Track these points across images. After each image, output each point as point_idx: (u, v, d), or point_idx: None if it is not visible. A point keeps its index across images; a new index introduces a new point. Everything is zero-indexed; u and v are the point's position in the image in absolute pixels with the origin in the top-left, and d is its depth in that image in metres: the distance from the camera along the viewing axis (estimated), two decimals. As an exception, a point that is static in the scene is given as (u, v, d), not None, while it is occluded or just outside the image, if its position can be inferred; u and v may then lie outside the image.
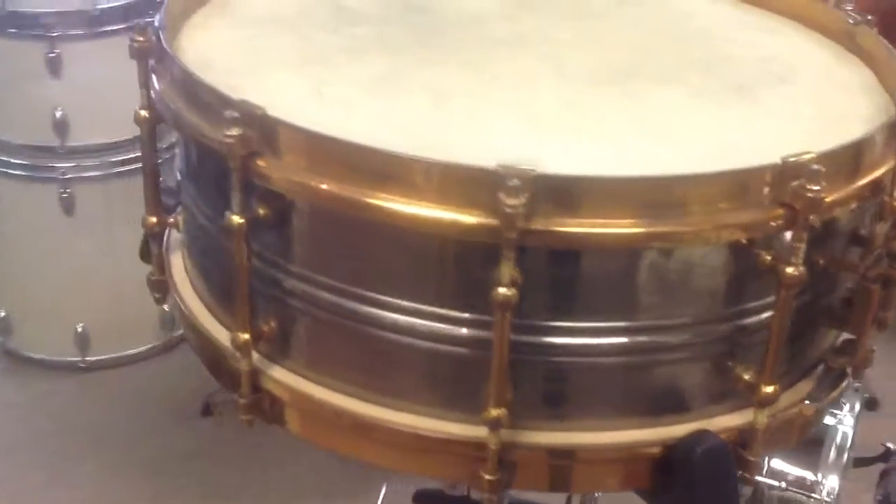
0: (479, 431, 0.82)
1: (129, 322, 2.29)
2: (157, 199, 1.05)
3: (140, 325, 2.31)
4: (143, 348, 2.35)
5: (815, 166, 0.77)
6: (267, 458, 2.09)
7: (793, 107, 0.99)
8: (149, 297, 1.09)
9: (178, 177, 1.03)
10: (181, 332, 2.15)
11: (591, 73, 1.03)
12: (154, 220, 1.05)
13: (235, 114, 0.79)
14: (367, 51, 1.04)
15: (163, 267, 1.08)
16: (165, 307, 1.10)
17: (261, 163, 0.81)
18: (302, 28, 1.08)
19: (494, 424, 0.81)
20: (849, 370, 0.96)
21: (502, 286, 0.75)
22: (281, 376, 0.91)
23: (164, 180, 1.05)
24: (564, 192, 0.75)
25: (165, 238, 1.09)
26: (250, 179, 0.82)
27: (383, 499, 1.95)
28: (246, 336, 0.88)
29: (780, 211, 0.79)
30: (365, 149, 0.77)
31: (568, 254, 0.80)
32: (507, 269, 0.75)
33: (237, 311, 0.87)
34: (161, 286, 1.09)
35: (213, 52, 0.99)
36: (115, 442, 2.15)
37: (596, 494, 1.36)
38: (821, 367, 0.96)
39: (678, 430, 0.87)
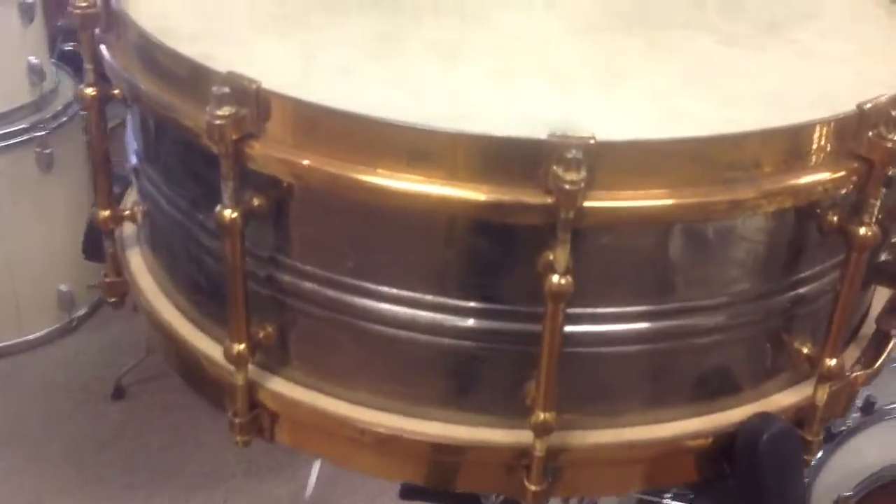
0: (521, 437, 0.72)
1: (25, 306, 2.16)
2: (110, 189, 0.91)
3: (37, 308, 2.18)
4: (41, 333, 2.23)
5: (894, 112, 0.68)
6: (186, 439, 2.01)
7: (836, 46, 0.89)
8: (42, 279, 0.94)
9: (134, 162, 0.89)
10: (83, 311, 2.20)
11: (603, 21, 0.91)
12: (107, 213, 0.91)
13: (225, 89, 0.66)
14: (348, 8, 0.91)
15: (119, 267, 0.94)
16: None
17: (256, 146, 0.68)
18: None
19: (542, 429, 0.71)
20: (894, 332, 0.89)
21: (558, 274, 0.64)
22: (282, 388, 0.79)
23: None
24: (627, 162, 0.64)
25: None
26: (243, 166, 0.69)
27: (316, 476, 1.88)
28: (242, 347, 0.75)
29: (856, 165, 0.70)
30: (386, 123, 0.65)
31: (619, 231, 0.70)
32: (562, 255, 0.64)
33: (231, 319, 0.74)
34: (117, 289, 0.95)
35: (171, 15, 0.84)
36: (26, 435, 2.02)
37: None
38: (864, 331, 0.89)
39: (733, 414, 0.79)
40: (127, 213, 0.92)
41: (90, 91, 0.84)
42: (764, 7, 0.97)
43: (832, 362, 0.77)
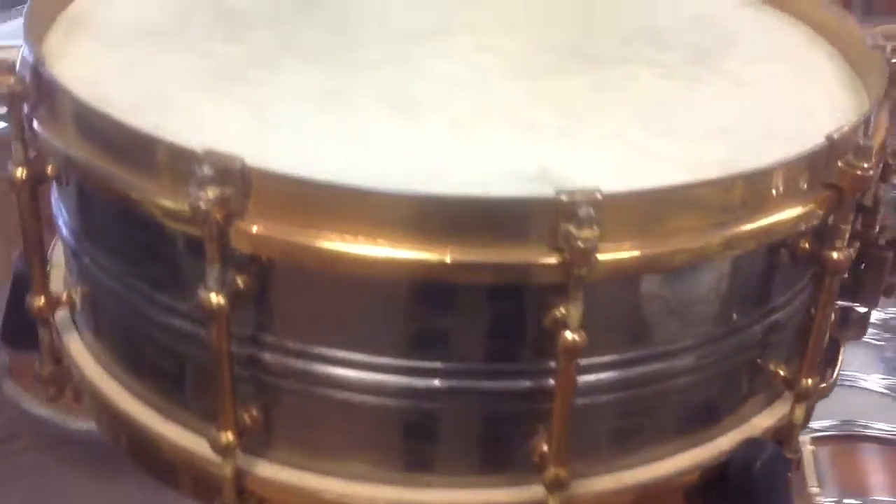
0: (531, 493, 0.71)
1: None
2: (46, 274, 0.84)
3: None
4: None
5: (861, 140, 0.71)
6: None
7: (766, 70, 0.92)
8: None
9: (71, 242, 0.82)
10: None
11: (539, 61, 0.91)
12: (43, 301, 0.84)
13: (207, 170, 0.62)
14: (282, 59, 0.87)
15: (57, 356, 0.87)
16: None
17: (241, 225, 0.64)
18: (191, 41, 0.89)
19: (556, 485, 0.70)
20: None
21: (570, 330, 0.64)
22: (269, 472, 0.74)
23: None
24: (629, 212, 0.64)
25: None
26: (226, 247, 0.65)
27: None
28: (230, 436, 0.71)
29: (827, 194, 0.72)
30: (384, 194, 0.63)
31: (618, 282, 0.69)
32: (576, 311, 0.63)
33: (219, 407, 0.70)
34: (58, 379, 0.88)
35: (101, 82, 0.79)
36: None
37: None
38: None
39: (720, 443, 0.79)
40: (64, 298, 0.85)
41: (20, 172, 0.77)
42: (686, 35, 0.99)
43: (809, 382, 0.79)
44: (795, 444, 0.83)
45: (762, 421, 0.82)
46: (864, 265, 0.86)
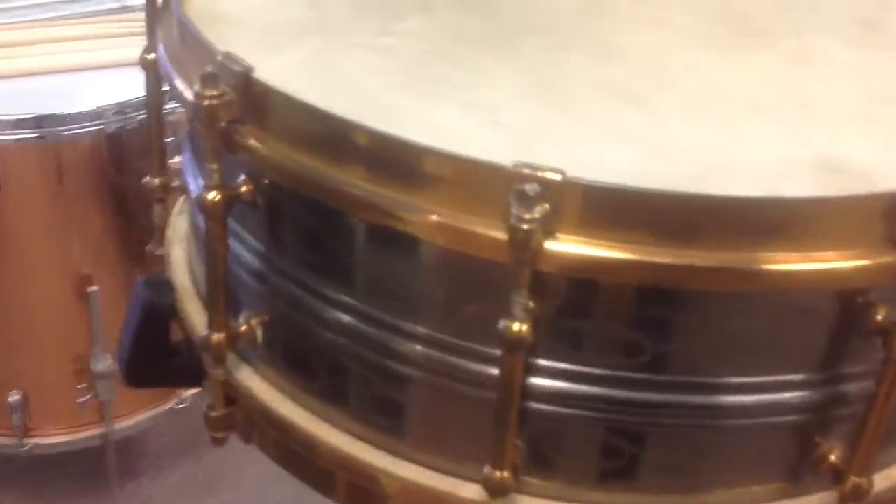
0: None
1: None
2: (227, 308, 0.74)
3: None
4: None
5: None
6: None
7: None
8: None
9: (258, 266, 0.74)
10: None
11: (718, 35, 0.85)
12: (223, 337, 0.74)
13: (533, 188, 0.53)
14: (460, 51, 0.78)
15: (232, 396, 0.78)
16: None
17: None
18: (356, 36, 0.79)
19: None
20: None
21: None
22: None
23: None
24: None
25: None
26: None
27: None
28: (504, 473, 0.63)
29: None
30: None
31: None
32: None
33: (496, 442, 0.62)
34: (229, 421, 0.79)
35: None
36: None
37: None
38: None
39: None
40: (243, 330, 0.75)
41: (214, 196, 0.67)
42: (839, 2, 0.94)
43: (860, 480, 0.65)
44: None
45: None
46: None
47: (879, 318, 0.59)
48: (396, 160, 0.59)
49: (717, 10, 0.90)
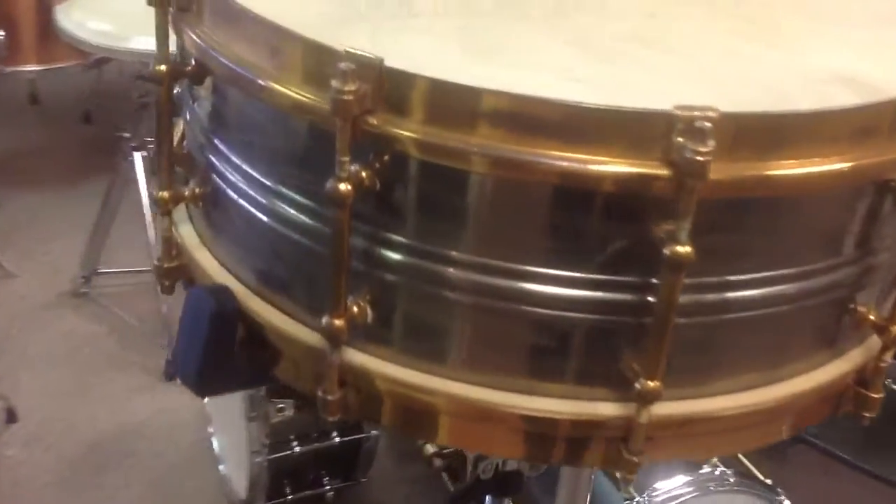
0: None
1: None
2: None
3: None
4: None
5: None
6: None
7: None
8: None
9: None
10: None
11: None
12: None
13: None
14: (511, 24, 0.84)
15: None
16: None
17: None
18: (411, 20, 0.83)
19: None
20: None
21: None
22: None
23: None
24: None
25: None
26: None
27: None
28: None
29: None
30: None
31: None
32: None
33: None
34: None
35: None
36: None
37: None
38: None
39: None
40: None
41: (345, 187, 0.71)
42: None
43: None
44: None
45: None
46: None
47: None
48: (541, 118, 0.67)
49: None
